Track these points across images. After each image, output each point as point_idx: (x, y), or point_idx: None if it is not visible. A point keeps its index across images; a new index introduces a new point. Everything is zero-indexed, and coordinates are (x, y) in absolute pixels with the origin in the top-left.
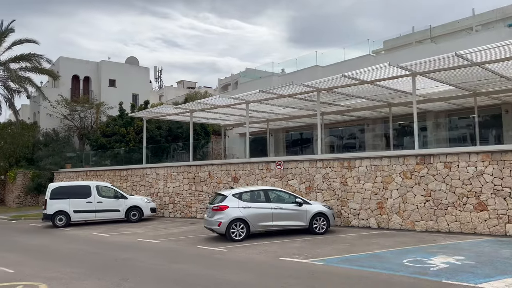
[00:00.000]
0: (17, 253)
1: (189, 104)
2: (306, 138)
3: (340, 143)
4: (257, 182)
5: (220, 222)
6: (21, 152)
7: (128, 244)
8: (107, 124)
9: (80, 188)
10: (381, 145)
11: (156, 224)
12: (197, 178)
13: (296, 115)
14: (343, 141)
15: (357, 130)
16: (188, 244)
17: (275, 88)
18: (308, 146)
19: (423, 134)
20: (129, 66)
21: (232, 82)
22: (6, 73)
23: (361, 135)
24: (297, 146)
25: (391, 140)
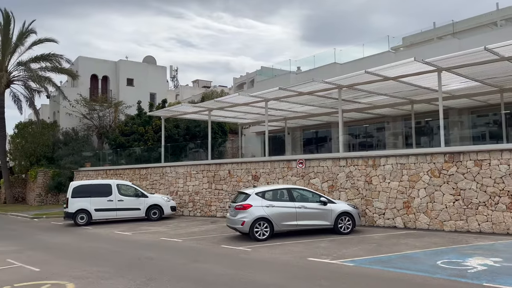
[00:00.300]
0: (41, 252)
1: (207, 103)
2: (324, 136)
3: (356, 142)
4: (278, 180)
5: (243, 221)
6: (42, 151)
7: (151, 243)
8: (126, 123)
9: (101, 186)
10: (401, 143)
11: (177, 222)
12: (217, 177)
13: (314, 113)
14: (360, 140)
15: (375, 128)
16: (211, 243)
17: (295, 86)
18: (325, 145)
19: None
20: (147, 65)
21: (247, 80)
22: (26, 73)
23: (378, 133)
24: (314, 145)
25: (413, 138)
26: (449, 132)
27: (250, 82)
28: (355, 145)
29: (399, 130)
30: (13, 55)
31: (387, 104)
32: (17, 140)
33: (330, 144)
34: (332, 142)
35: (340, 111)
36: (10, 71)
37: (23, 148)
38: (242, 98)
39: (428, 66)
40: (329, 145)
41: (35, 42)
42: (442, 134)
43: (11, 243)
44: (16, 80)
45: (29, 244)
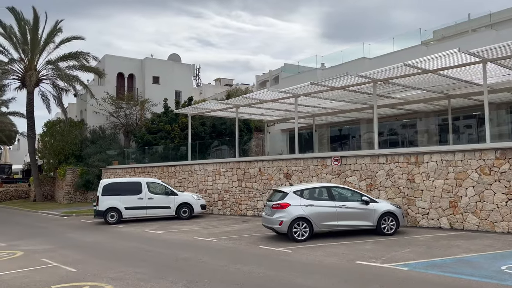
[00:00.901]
0: (74, 251)
1: (234, 99)
2: (352, 133)
3: (386, 139)
4: (311, 179)
5: (281, 221)
6: (70, 149)
7: (185, 243)
8: (152, 121)
9: (131, 184)
10: (435, 140)
11: (208, 221)
12: (247, 175)
13: (344, 109)
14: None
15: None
16: (247, 243)
17: (327, 80)
18: (354, 142)
19: (479, 129)
20: (172, 63)
21: (270, 78)
22: (55, 72)
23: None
24: (341, 142)
25: (450, 134)
26: (493, 126)
27: (273, 80)
28: (386, 142)
29: (432, 126)
30: (42, 54)
31: (421, 99)
32: (46, 139)
33: (359, 141)
34: (362, 139)
35: (375, 106)
36: (39, 70)
37: (51, 146)
38: (271, 94)
39: (472, 57)
40: (358, 142)
41: (62, 41)
42: (488, 129)
43: (44, 242)
44: (44, 79)
45: (61, 243)
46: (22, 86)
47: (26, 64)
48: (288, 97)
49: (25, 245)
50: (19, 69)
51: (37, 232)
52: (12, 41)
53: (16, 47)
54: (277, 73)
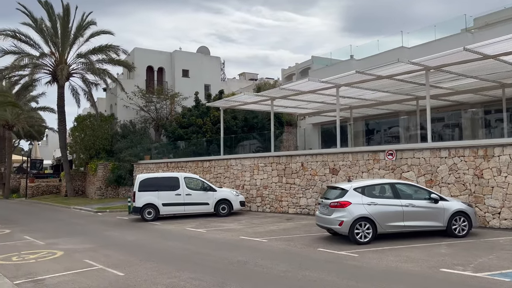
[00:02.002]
0: (117, 251)
1: (270, 91)
2: (390, 126)
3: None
4: (361, 174)
5: (341, 221)
6: (101, 143)
7: (232, 243)
8: (183, 115)
9: (168, 180)
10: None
11: (248, 219)
12: (288, 170)
13: (385, 101)
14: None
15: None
16: (302, 245)
17: (374, 68)
18: (392, 136)
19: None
20: (201, 55)
21: (297, 71)
22: (85, 65)
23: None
24: (377, 135)
25: (504, 125)
26: None
27: (299, 73)
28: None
29: (479, 117)
30: (72, 47)
31: (471, 89)
32: (76, 134)
33: (398, 134)
34: (401, 132)
35: (427, 96)
36: (69, 63)
37: (82, 141)
38: (311, 84)
39: None
40: (396, 135)
41: (92, 34)
42: None
43: (83, 240)
44: (74, 73)
45: (101, 242)
46: (52, 80)
47: (56, 58)
48: (329, 87)
49: (64, 243)
50: (50, 63)
51: (73, 229)
52: (43, 34)
53: (47, 40)
54: (304, 66)
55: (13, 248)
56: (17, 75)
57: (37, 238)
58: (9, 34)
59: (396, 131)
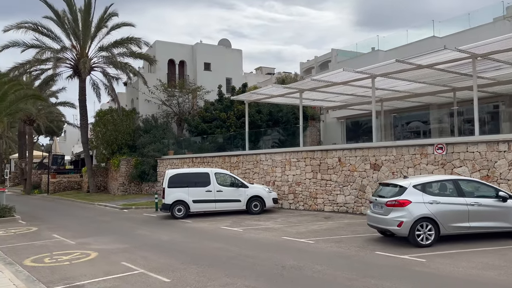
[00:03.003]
0: (155, 252)
1: (299, 83)
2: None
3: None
4: (407, 170)
5: (401, 222)
6: (123, 138)
7: (276, 244)
8: (206, 109)
9: (198, 175)
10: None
11: (283, 217)
12: (323, 165)
13: (419, 93)
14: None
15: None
16: (356, 247)
17: (416, 57)
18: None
19: None
20: (223, 48)
21: (316, 64)
22: (106, 59)
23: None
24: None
25: None
26: None
27: (318, 66)
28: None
29: None
30: (93, 40)
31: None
32: (98, 129)
33: (428, 128)
34: (431, 125)
35: (475, 85)
36: (91, 57)
37: (104, 136)
38: (345, 74)
39: None
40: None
41: (113, 27)
42: None
43: (115, 239)
44: (96, 66)
45: (134, 241)
46: (73, 74)
47: (78, 51)
48: (363, 77)
49: (96, 243)
50: (71, 57)
51: (102, 227)
52: (64, 27)
53: (68, 34)
54: (323, 60)
55: (44, 248)
56: (38, 69)
57: (67, 237)
58: (30, 27)
59: (423, 124)
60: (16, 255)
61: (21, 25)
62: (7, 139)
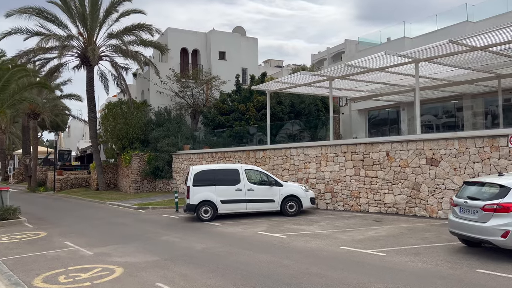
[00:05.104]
0: (192, 267)
1: (329, 70)
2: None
3: (443, 122)
4: (472, 165)
5: (507, 231)
6: (134, 132)
7: (338, 257)
8: (223, 101)
9: (226, 172)
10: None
11: (326, 220)
12: (368, 161)
13: (458, 81)
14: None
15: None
16: (446, 262)
17: (474, 36)
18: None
19: None
20: (239, 36)
21: (328, 56)
22: (115, 48)
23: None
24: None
25: None
26: None
27: (331, 58)
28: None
29: None
30: (102, 27)
31: None
32: (107, 122)
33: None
34: (464, 117)
35: None
36: (99, 45)
37: (113, 130)
38: (386, 59)
39: None
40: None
41: (122, 14)
42: None
43: (139, 249)
44: (104, 55)
45: (163, 251)
46: (81, 64)
47: (85, 39)
48: (407, 62)
49: (117, 254)
50: (78, 45)
51: (121, 232)
52: (70, 13)
53: (75, 19)
54: (336, 51)
55: (56, 261)
56: (43, 58)
57: (82, 246)
58: (34, 12)
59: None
60: (24, 271)
61: (24, 10)
62: (10, 135)
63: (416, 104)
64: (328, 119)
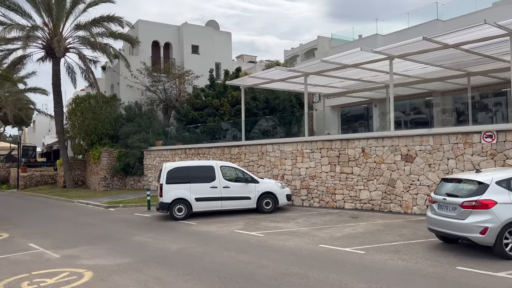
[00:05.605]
0: (167, 269)
1: (304, 66)
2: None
3: (411, 118)
4: (447, 162)
5: (485, 228)
6: (103, 128)
7: (318, 256)
8: (196, 96)
9: (201, 169)
10: None
11: (303, 216)
12: (343, 157)
13: (429, 78)
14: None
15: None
16: (426, 260)
17: (446, 34)
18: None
19: None
20: (212, 30)
21: (301, 52)
22: (82, 40)
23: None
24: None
25: None
26: None
27: (303, 54)
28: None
29: None
30: (69, 18)
31: None
32: (74, 117)
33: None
34: (433, 114)
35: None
36: (65, 37)
37: (81, 126)
38: (360, 55)
39: None
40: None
41: (90, 3)
42: None
43: (109, 250)
44: (71, 47)
45: (135, 253)
46: (46, 56)
47: (51, 29)
48: (381, 59)
49: (86, 256)
50: (43, 36)
51: (89, 232)
52: (34, 3)
53: (39, 9)
54: (309, 47)
55: (20, 266)
56: (5, 50)
57: (48, 248)
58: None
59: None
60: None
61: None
62: None
63: (390, 101)
64: (302, 115)
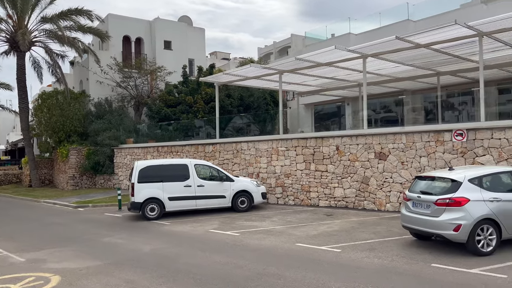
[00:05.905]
0: (140, 272)
1: (279, 63)
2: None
3: (381, 116)
4: (419, 159)
5: (458, 225)
6: (71, 125)
7: (295, 255)
8: (169, 92)
9: (175, 168)
10: None
11: (278, 215)
12: (318, 155)
13: (401, 77)
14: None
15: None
16: (401, 257)
17: (418, 34)
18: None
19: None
20: (185, 26)
21: (274, 50)
22: (50, 33)
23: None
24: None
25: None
26: None
27: (277, 52)
28: (383, 120)
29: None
30: (34, 10)
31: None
32: (41, 114)
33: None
34: (403, 112)
35: (480, 65)
36: (31, 30)
37: (48, 123)
38: (334, 53)
39: None
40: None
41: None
42: None
43: (78, 253)
44: (37, 41)
45: (106, 255)
46: (10, 49)
47: (15, 21)
48: (355, 57)
49: (54, 260)
50: (7, 29)
51: (57, 233)
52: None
53: (3, 1)
54: (282, 45)
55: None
56: None
57: (12, 251)
58: None
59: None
60: None
61: None
62: None
63: (363, 99)
64: (276, 113)
